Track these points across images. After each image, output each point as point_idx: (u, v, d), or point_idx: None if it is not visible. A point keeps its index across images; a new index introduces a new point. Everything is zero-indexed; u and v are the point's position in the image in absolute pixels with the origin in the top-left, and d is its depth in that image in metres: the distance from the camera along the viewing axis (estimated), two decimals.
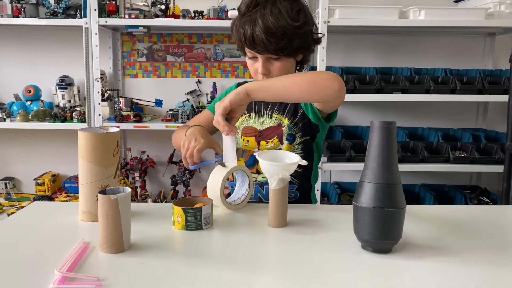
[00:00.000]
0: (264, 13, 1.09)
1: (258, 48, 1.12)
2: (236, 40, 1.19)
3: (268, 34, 1.08)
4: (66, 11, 2.23)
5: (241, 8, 1.15)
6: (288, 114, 1.28)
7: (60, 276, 0.70)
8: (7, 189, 2.53)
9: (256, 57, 1.17)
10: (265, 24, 1.08)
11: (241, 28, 1.13)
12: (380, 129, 0.81)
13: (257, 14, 1.10)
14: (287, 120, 1.28)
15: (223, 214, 1.06)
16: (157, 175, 2.64)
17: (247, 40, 1.12)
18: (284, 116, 1.28)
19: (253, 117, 1.31)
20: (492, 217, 1.10)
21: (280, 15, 1.09)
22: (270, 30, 1.08)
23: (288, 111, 1.28)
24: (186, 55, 2.56)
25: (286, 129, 1.27)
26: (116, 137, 1.00)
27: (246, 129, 1.30)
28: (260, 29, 1.08)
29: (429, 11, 2.17)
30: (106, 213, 0.80)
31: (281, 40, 1.10)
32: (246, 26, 1.11)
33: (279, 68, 1.17)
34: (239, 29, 1.14)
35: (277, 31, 1.08)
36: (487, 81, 2.21)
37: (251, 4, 1.12)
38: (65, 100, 2.38)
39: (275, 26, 1.08)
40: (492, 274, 0.76)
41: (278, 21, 1.08)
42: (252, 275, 0.74)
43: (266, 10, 1.09)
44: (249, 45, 1.13)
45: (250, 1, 1.12)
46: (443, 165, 2.19)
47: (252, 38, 1.10)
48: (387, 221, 0.81)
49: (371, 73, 2.31)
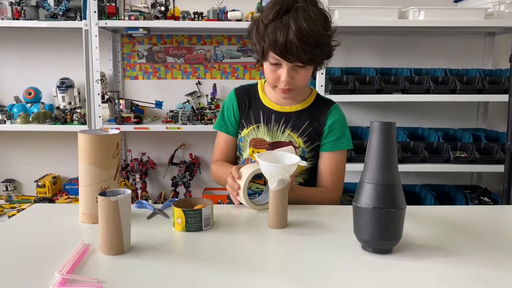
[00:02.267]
0: (298, 19, 1.05)
1: (289, 56, 1.08)
2: (260, 46, 1.13)
3: (303, 43, 1.05)
4: (66, 13, 2.24)
5: (266, 12, 1.10)
6: (306, 137, 1.24)
7: (60, 278, 0.70)
8: (7, 191, 2.53)
9: (279, 64, 1.13)
10: (300, 31, 1.04)
11: (272, 34, 1.07)
12: (380, 130, 0.81)
13: (290, 20, 1.05)
14: (302, 142, 1.24)
15: (223, 216, 1.06)
16: (158, 176, 2.64)
17: (278, 48, 1.07)
18: (298, 136, 1.24)
19: (262, 128, 1.26)
20: (493, 217, 1.10)
21: (313, 22, 1.06)
22: (304, 38, 1.05)
23: (306, 134, 1.24)
24: (186, 57, 2.56)
25: (300, 151, 1.24)
26: (116, 138, 1.00)
27: (256, 140, 1.26)
28: (294, 36, 1.04)
29: (429, 11, 2.17)
30: (106, 215, 0.80)
31: (314, 49, 1.08)
32: (279, 32, 1.06)
33: (303, 75, 1.15)
34: (269, 35, 1.08)
35: (311, 39, 1.06)
36: (487, 81, 2.20)
37: (281, 9, 1.07)
38: (65, 102, 2.39)
39: (309, 34, 1.05)
40: (492, 274, 0.76)
41: (312, 29, 1.05)
42: (252, 276, 0.74)
43: (299, 16, 1.05)
44: (281, 54, 1.08)
45: (280, 6, 1.08)
46: (443, 165, 2.18)
47: (285, 46, 1.06)
48: (387, 222, 0.81)
49: (371, 74, 2.31)
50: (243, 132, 1.29)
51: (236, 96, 1.31)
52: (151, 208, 1.08)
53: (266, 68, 1.18)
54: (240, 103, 1.30)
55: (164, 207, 1.08)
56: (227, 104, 1.33)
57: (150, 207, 1.08)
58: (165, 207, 1.08)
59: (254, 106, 1.29)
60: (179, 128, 2.27)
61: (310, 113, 1.25)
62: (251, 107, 1.29)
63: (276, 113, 1.26)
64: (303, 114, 1.25)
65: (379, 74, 2.29)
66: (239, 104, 1.30)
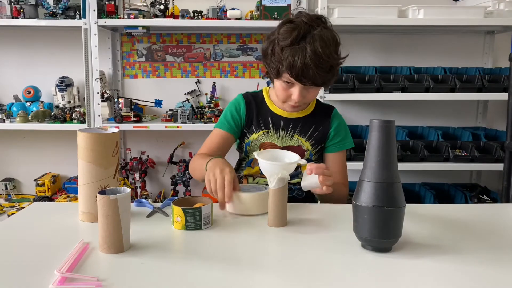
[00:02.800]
0: (315, 46, 1.10)
1: (305, 80, 1.14)
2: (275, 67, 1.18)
3: (319, 68, 1.12)
4: (65, 12, 2.24)
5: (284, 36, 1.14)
6: (313, 140, 1.31)
7: (60, 277, 0.70)
8: (7, 190, 2.53)
9: (292, 83, 1.19)
10: (317, 57, 1.10)
11: (291, 58, 1.12)
12: (379, 128, 0.81)
13: (307, 46, 1.11)
14: (310, 146, 1.31)
15: (222, 214, 1.06)
16: (157, 175, 2.64)
17: (295, 72, 1.13)
18: (306, 140, 1.30)
19: (271, 134, 1.30)
20: (492, 215, 1.10)
21: (328, 48, 1.12)
22: (320, 65, 1.11)
23: (314, 138, 1.31)
24: (186, 55, 2.56)
25: (308, 154, 1.30)
26: (116, 137, 1.00)
27: (267, 144, 1.30)
28: (311, 62, 1.10)
29: (428, 10, 2.17)
30: (105, 214, 0.80)
31: (328, 73, 1.15)
32: (296, 58, 1.11)
33: (314, 94, 1.24)
34: (287, 58, 1.13)
35: (326, 65, 1.12)
36: (487, 80, 2.21)
37: (299, 34, 1.12)
38: (64, 100, 2.38)
39: (324, 60, 1.11)
40: (492, 273, 0.76)
41: (327, 55, 1.12)
42: (252, 275, 0.74)
43: (316, 43, 1.11)
44: (297, 76, 1.14)
45: (298, 31, 1.12)
46: (443, 164, 2.19)
47: (302, 71, 1.12)
48: (387, 220, 0.81)
49: (371, 72, 2.31)
50: (252, 137, 1.31)
51: (245, 100, 1.34)
52: (151, 206, 1.08)
53: (278, 86, 1.23)
54: (248, 106, 1.33)
55: (163, 206, 1.08)
56: (233, 104, 1.34)
57: (149, 206, 1.08)
58: (165, 205, 1.08)
59: (262, 111, 1.32)
60: (178, 126, 2.27)
61: (315, 118, 1.32)
62: (259, 113, 1.32)
63: (284, 119, 1.30)
64: (309, 119, 1.32)
65: (378, 72, 2.29)
66: (247, 106, 1.32)
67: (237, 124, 1.32)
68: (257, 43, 2.55)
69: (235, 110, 1.33)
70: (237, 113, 1.32)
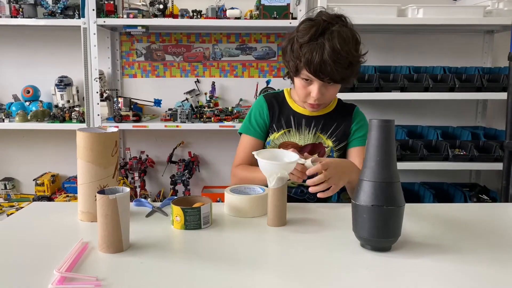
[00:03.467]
0: (333, 42, 1.11)
1: (323, 76, 1.14)
2: (294, 63, 1.19)
3: (337, 64, 1.12)
4: (64, 11, 2.23)
5: (302, 33, 1.16)
6: (334, 138, 1.31)
7: (59, 276, 0.70)
8: (6, 190, 2.53)
9: (311, 81, 1.19)
10: (335, 53, 1.11)
11: (309, 54, 1.13)
12: (379, 127, 0.81)
13: (326, 42, 1.11)
14: (331, 143, 1.31)
15: (222, 214, 1.06)
16: (157, 174, 2.64)
17: (313, 68, 1.14)
18: (327, 137, 1.31)
19: (293, 132, 1.31)
20: (491, 214, 1.10)
21: (347, 44, 1.13)
22: (338, 60, 1.11)
23: (335, 135, 1.31)
24: (185, 55, 2.56)
25: (329, 151, 1.31)
26: (115, 137, 0.99)
27: (287, 143, 1.30)
28: (329, 58, 1.10)
29: (428, 9, 2.17)
30: (104, 213, 0.80)
31: (347, 69, 1.15)
32: (314, 53, 1.12)
33: (333, 92, 1.24)
34: (305, 54, 1.14)
35: (345, 61, 1.13)
36: (486, 79, 2.20)
37: (317, 31, 1.13)
38: (64, 100, 2.38)
39: (343, 56, 1.12)
40: (491, 272, 0.76)
41: (346, 51, 1.12)
42: (251, 274, 0.74)
43: (334, 38, 1.12)
44: (315, 73, 1.14)
45: (316, 28, 1.14)
46: (442, 163, 2.19)
47: (320, 66, 1.12)
48: (386, 219, 0.81)
49: (370, 72, 2.30)
50: (272, 136, 1.32)
51: (266, 101, 1.35)
52: (150, 206, 1.08)
53: (298, 84, 1.24)
54: (270, 107, 1.34)
55: (163, 205, 1.08)
56: (256, 108, 1.35)
57: (149, 205, 1.08)
58: (164, 205, 1.08)
59: (284, 111, 1.33)
60: (178, 126, 2.27)
61: (337, 116, 1.33)
62: (281, 112, 1.33)
63: (306, 117, 1.31)
64: (331, 117, 1.32)
65: (378, 72, 2.29)
66: (269, 108, 1.34)
67: (262, 128, 1.33)
68: (257, 43, 2.55)
69: (258, 114, 1.34)
70: (260, 117, 1.33)
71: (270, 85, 2.49)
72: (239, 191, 1.10)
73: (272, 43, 2.55)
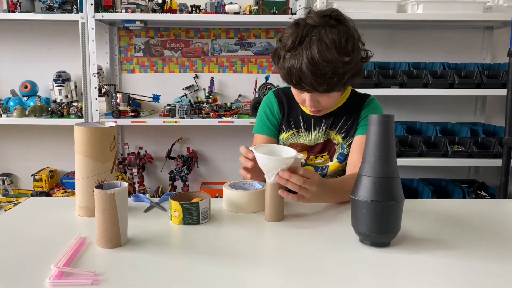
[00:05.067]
0: (311, 51, 1.01)
1: (306, 87, 1.06)
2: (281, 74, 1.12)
3: (316, 75, 1.02)
4: (62, 6, 2.22)
5: (284, 41, 1.07)
6: (344, 133, 1.24)
7: (56, 271, 0.69)
8: (4, 185, 2.52)
9: None
10: (313, 64, 1.01)
11: (287, 67, 1.06)
12: (378, 123, 0.81)
13: (303, 53, 1.02)
14: (341, 138, 1.25)
15: (220, 209, 1.05)
16: (155, 170, 2.64)
17: (293, 79, 1.06)
18: (336, 132, 1.25)
19: (303, 133, 1.26)
20: (490, 211, 1.10)
21: (329, 52, 1.01)
22: (318, 71, 1.01)
23: (345, 129, 1.24)
24: (184, 50, 2.55)
25: (339, 148, 1.25)
26: (113, 131, 0.99)
27: (297, 145, 1.26)
28: (307, 68, 1.01)
29: (427, 5, 2.16)
30: (102, 208, 0.79)
31: (331, 79, 1.03)
32: (292, 67, 1.04)
33: (328, 100, 1.14)
34: (284, 65, 1.07)
35: (326, 71, 1.02)
36: (486, 75, 2.20)
37: (296, 39, 1.04)
38: (62, 95, 2.37)
39: (323, 65, 1.01)
40: (489, 267, 0.76)
41: (326, 59, 1.01)
42: (249, 270, 0.74)
43: (313, 47, 1.01)
44: (297, 84, 1.07)
45: (295, 35, 1.04)
46: (441, 159, 2.19)
47: (299, 78, 1.04)
48: (385, 215, 0.80)
49: (369, 68, 2.30)
50: (281, 136, 1.29)
51: (276, 98, 1.30)
52: (148, 201, 1.07)
53: (293, 91, 1.18)
54: (280, 104, 1.29)
55: (161, 201, 1.08)
56: (266, 105, 1.31)
57: (147, 201, 1.08)
58: (163, 200, 1.08)
59: (293, 110, 1.28)
60: (176, 122, 2.26)
61: (347, 109, 1.25)
62: (290, 112, 1.28)
63: (315, 118, 1.25)
64: (341, 111, 1.25)
65: (377, 68, 2.28)
66: (280, 105, 1.29)
67: (274, 125, 1.29)
68: (256, 38, 2.54)
69: (269, 112, 1.30)
70: (271, 114, 1.29)
71: (269, 80, 2.48)
72: (237, 186, 1.10)
73: (271, 38, 2.54)
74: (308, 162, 1.27)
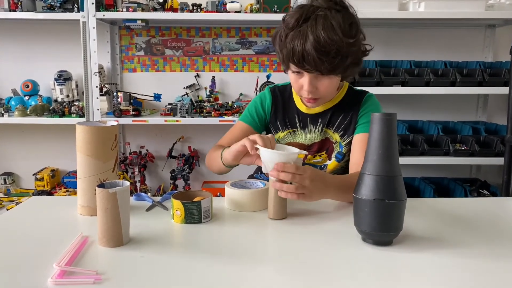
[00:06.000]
0: (316, 29, 1.00)
1: (308, 66, 1.05)
2: (281, 54, 1.10)
3: (320, 53, 1.01)
4: (63, 5, 2.22)
5: (287, 20, 1.07)
6: (342, 131, 1.22)
7: (58, 270, 0.69)
8: (6, 185, 2.53)
9: (301, 73, 1.10)
10: (317, 41, 1.00)
11: (290, 44, 1.04)
12: (381, 121, 0.80)
13: (308, 30, 1.01)
14: (339, 137, 1.23)
15: (222, 208, 1.05)
16: (157, 169, 2.64)
17: (295, 58, 1.04)
18: (334, 131, 1.23)
19: (299, 133, 1.25)
20: (492, 209, 1.09)
21: (333, 31, 1.01)
22: (322, 48, 1.00)
23: (342, 127, 1.22)
24: (185, 49, 2.55)
25: (337, 146, 1.23)
26: (114, 130, 0.99)
27: (294, 144, 1.23)
28: (311, 46, 1.00)
29: (429, 3, 2.16)
30: (104, 207, 0.79)
31: (334, 58, 1.03)
32: (296, 42, 1.03)
33: (327, 85, 1.12)
34: (287, 44, 1.05)
35: (330, 49, 1.01)
36: (487, 73, 2.20)
37: (301, 18, 1.03)
38: (63, 94, 2.37)
39: (328, 43, 1.00)
40: (491, 266, 0.76)
41: (331, 38, 1.00)
42: (252, 268, 0.74)
43: (318, 25, 1.01)
44: (298, 64, 1.05)
45: (300, 14, 1.04)
46: (443, 158, 2.18)
47: (302, 56, 1.03)
48: (388, 213, 0.80)
49: (371, 66, 2.30)
50: (277, 135, 1.27)
51: (271, 94, 1.28)
52: (150, 200, 1.07)
53: (291, 77, 1.15)
54: (274, 101, 1.27)
55: (163, 200, 1.08)
56: (259, 98, 1.29)
57: (149, 200, 1.08)
58: (164, 199, 1.08)
59: (289, 109, 1.26)
60: (178, 121, 2.26)
61: (344, 106, 1.23)
62: (285, 111, 1.26)
63: (311, 116, 1.23)
64: (337, 108, 1.23)
65: (379, 66, 2.28)
66: (273, 102, 1.27)
67: (260, 118, 1.27)
68: (257, 37, 2.54)
69: (260, 104, 1.28)
70: (262, 107, 1.27)
71: (270, 79, 2.48)
72: (239, 185, 1.10)
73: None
74: (306, 162, 1.26)
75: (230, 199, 1.05)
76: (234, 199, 1.04)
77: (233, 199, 1.04)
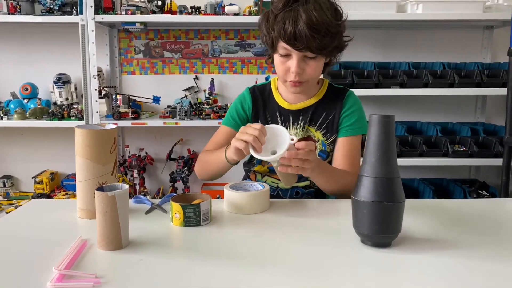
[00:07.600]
0: (307, 8, 1.05)
1: (298, 44, 1.07)
2: (270, 36, 1.12)
3: (312, 30, 1.05)
4: (62, 8, 2.22)
5: (276, 3, 1.10)
6: (324, 129, 1.23)
7: (58, 274, 0.69)
8: (5, 188, 2.52)
9: (289, 55, 1.12)
10: (309, 18, 1.04)
11: (281, 23, 1.07)
12: (379, 123, 0.81)
13: (300, 8, 1.06)
14: (321, 135, 1.23)
15: (221, 210, 1.05)
16: (156, 172, 2.64)
17: (287, 36, 1.07)
18: (316, 129, 1.23)
19: None
20: (491, 210, 1.09)
21: (323, 11, 1.06)
22: (314, 26, 1.05)
23: (325, 126, 1.23)
24: (184, 51, 2.55)
25: (320, 144, 1.23)
26: (113, 133, 0.99)
27: None
28: (303, 24, 1.04)
29: (427, 5, 2.16)
30: (103, 210, 0.79)
31: (324, 37, 1.07)
32: (287, 21, 1.06)
33: (314, 68, 1.14)
34: (278, 23, 1.08)
35: (321, 27, 1.05)
36: (486, 75, 2.20)
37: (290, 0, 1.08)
38: (62, 97, 2.38)
39: (319, 21, 1.05)
40: (491, 267, 0.76)
41: (322, 17, 1.06)
42: (251, 271, 0.74)
43: (309, 5, 1.06)
44: (289, 41, 1.07)
45: None
46: (441, 159, 2.18)
47: (294, 34, 1.06)
48: (386, 215, 0.80)
49: (369, 68, 2.30)
50: None
51: (251, 94, 1.28)
52: (149, 203, 1.07)
53: (276, 61, 1.16)
54: (254, 101, 1.27)
55: (162, 202, 1.08)
56: (239, 100, 1.30)
57: (148, 202, 1.08)
58: (163, 202, 1.08)
59: (269, 107, 1.26)
60: (177, 123, 2.26)
61: (325, 104, 1.24)
62: (266, 109, 1.26)
63: (292, 112, 1.24)
64: (319, 106, 1.24)
65: (377, 68, 2.28)
66: (254, 102, 1.27)
67: (242, 120, 1.27)
68: (255, 39, 2.54)
69: (240, 106, 1.28)
70: (242, 109, 1.28)
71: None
72: (238, 187, 1.10)
73: None
74: None
75: (229, 202, 1.05)
76: (233, 201, 1.04)
77: (232, 201, 1.04)
